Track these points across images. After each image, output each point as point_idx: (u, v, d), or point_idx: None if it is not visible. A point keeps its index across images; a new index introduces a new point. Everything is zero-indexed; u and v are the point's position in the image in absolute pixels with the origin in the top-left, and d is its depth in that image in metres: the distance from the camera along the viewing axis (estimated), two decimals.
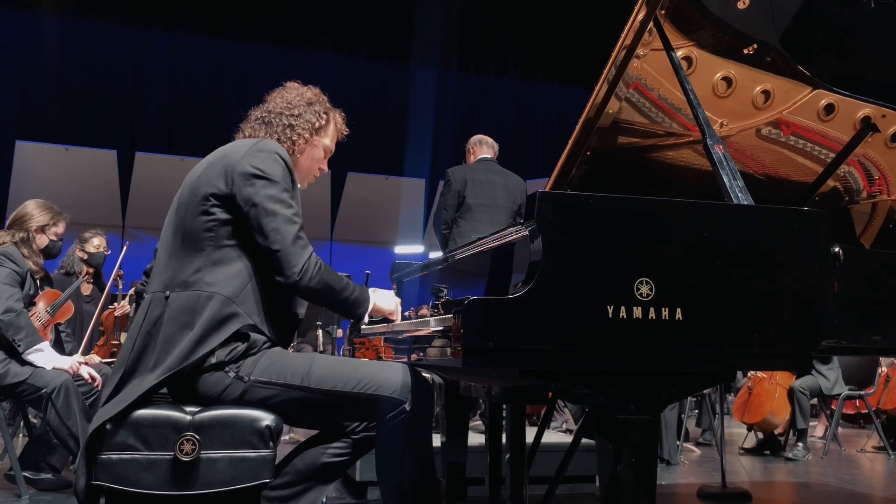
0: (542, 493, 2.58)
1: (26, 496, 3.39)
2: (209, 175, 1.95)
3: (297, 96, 2.16)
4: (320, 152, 2.20)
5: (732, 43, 2.34)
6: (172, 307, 1.86)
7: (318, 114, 2.16)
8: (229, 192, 1.90)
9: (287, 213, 1.89)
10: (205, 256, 1.89)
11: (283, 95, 2.17)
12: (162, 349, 1.82)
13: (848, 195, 2.69)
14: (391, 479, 1.95)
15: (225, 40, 11.22)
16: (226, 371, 1.85)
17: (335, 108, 2.24)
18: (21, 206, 3.79)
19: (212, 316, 1.83)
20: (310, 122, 2.13)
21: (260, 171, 1.90)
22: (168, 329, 1.84)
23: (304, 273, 1.88)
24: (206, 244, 1.90)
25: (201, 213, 1.91)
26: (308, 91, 2.19)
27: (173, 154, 10.45)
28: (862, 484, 4.40)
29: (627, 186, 2.46)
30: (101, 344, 4.97)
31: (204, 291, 1.86)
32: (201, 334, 1.82)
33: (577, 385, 1.71)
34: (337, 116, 2.23)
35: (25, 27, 10.20)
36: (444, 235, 4.68)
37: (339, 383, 1.89)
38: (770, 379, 5.56)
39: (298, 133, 2.11)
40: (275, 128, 2.09)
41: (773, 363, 1.88)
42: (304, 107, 2.14)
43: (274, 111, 2.12)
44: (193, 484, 1.75)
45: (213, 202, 1.91)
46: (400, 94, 11.72)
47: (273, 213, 1.88)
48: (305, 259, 1.89)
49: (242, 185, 1.89)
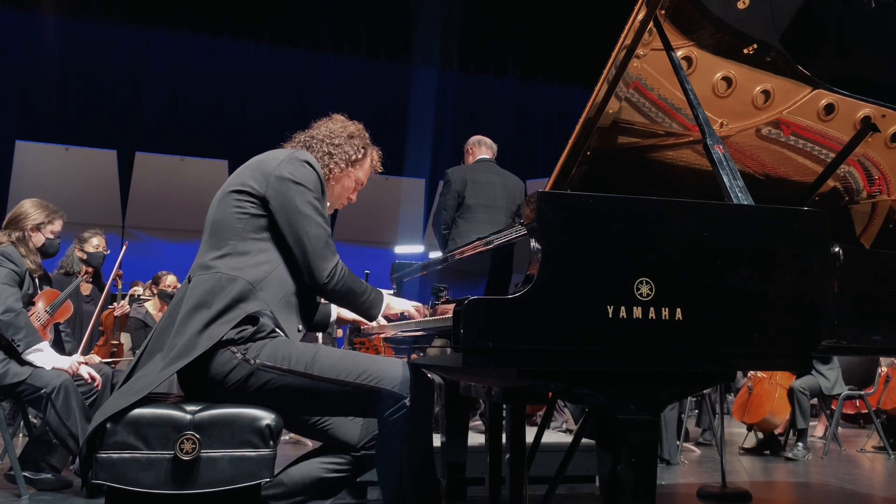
0: (542, 493, 2.58)
1: (26, 496, 3.39)
2: (243, 175, 2.07)
3: (341, 128, 2.27)
4: (352, 183, 2.31)
5: (732, 43, 2.34)
6: (194, 289, 1.95)
7: (357, 147, 2.27)
8: (264, 192, 2.01)
9: (318, 220, 2.02)
10: (231, 246, 1.99)
11: (327, 125, 2.28)
12: (177, 331, 1.89)
13: (848, 195, 2.69)
14: (391, 479, 1.95)
15: (225, 40, 11.23)
16: (233, 351, 1.88)
17: (373, 146, 2.35)
18: (17, 206, 3.79)
19: (231, 297, 1.91)
20: (347, 154, 2.24)
21: (295, 178, 2.02)
22: (186, 308, 1.91)
23: (332, 277, 2.01)
24: (233, 235, 2.00)
25: (232, 206, 2.02)
26: (352, 125, 2.31)
27: (173, 154, 10.47)
28: (862, 484, 4.40)
29: (627, 186, 2.46)
30: (100, 344, 4.97)
31: (226, 274, 1.94)
32: (216, 313, 1.88)
33: (577, 385, 1.71)
34: (374, 154, 2.34)
35: (25, 27, 10.21)
36: (444, 235, 4.69)
37: (342, 373, 1.91)
38: (770, 379, 5.56)
39: (336, 162, 2.22)
40: (315, 153, 2.20)
41: (773, 363, 1.88)
42: (345, 139, 2.25)
43: (317, 137, 2.24)
44: (193, 483, 1.75)
45: (245, 198, 2.02)
46: (400, 94, 11.72)
47: (307, 217, 2.00)
48: (334, 264, 2.01)
49: (278, 189, 2.00)
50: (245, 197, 2.02)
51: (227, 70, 11.37)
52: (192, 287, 1.96)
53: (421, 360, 2.11)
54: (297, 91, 11.57)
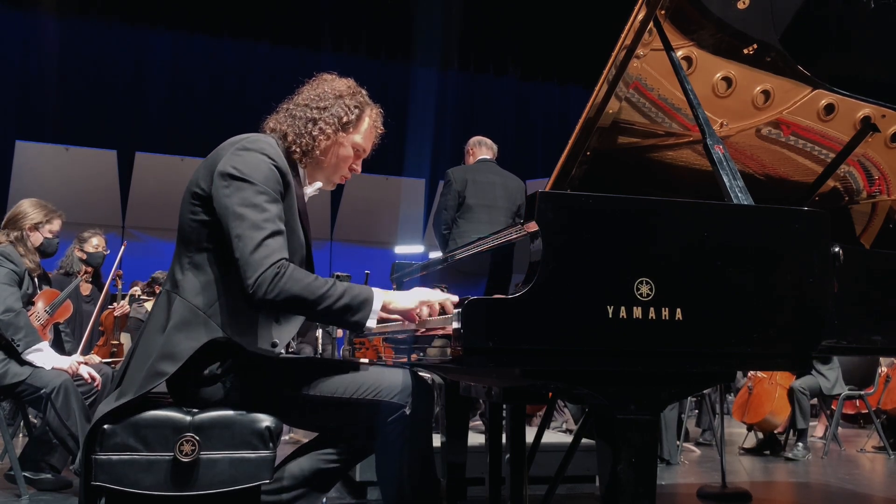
0: (542, 493, 2.58)
1: (26, 496, 3.39)
2: (199, 173, 1.87)
3: (329, 88, 1.99)
4: (348, 150, 2.00)
5: (732, 43, 2.34)
6: (159, 304, 1.88)
7: (348, 108, 1.96)
8: (208, 192, 1.81)
9: (255, 219, 1.73)
10: (188, 257, 1.85)
11: (314, 87, 2.01)
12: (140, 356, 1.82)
13: (848, 195, 2.69)
14: (391, 480, 1.94)
15: (225, 40, 11.23)
16: (222, 382, 1.84)
17: (373, 103, 2.05)
18: (16, 205, 3.79)
19: (180, 326, 1.78)
20: (336, 117, 1.94)
21: (238, 172, 1.77)
22: (150, 327, 1.86)
23: (259, 286, 1.69)
24: (189, 245, 1.85)
25: (187, 212, 1.86)
26: (342, 83, 2.02)
27: (173, 154, 10.46)
28: (862, 484, 4.40)
29: (627, 186, 2.46)
30: (100, 344, 4.97)
31: (179, 296, 1.82)
32: (170, 346, 1.76)
33: (577, 385, 1.71)
34: (373, 112, 2.03)
35: (25, 27, 10.21)
36: (444, 236, 4.69)
37: (338, 389, 1.87)
38: (770, 379, 5.55)
39: (321, 128, 1.93)
40: (296, 121, 1.94)
41: (773, 363, 1.88)
42: (333, 99, 1.96)
43: (301, 103, 1.97)
44: (193, 484, 1.75)
45: (197, 202, 1.84)
46: (400, 94, 11.71)
47: (240, 218, 1.73)
48: (262, 270, 1.69)
49: (218, 186, 1.78)
50: (196, 200, 1.83)
51: (227, 70, 11.36)
52: (158, 303, 1.88)
53: (421, 360, 2.11)
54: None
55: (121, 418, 1.76)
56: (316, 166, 2.00)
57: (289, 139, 1.94)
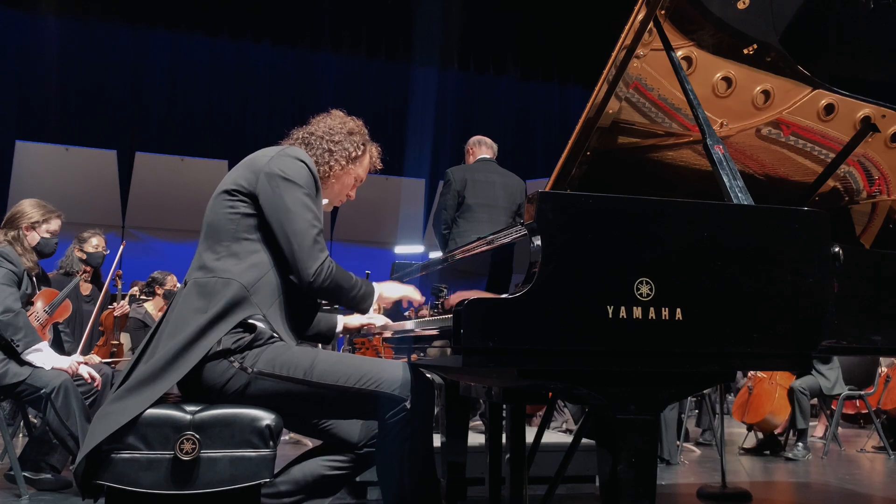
0: (542, 493, 2.58)
1: (26, 496, 3.39)
2: (235, 174, 2.05)
3: (340, 124, 2.24)
4: (352, 180, 2.28)
5: (732, 43, 2.34)
6: (189, 292, 1.94)
7: (357, 144, 2.23)
8: (253, 189, 1.99)
9: (307, 216, 1.97)
10: (224, 247, 1.98)
11: (326, 121, 2.25)
12: (170, 334, 1.88)
13: (848, 195, 2.69)
14: (391, 480, 1.95)
15: (225, 40, 11.23)
16: (230, 360, 1.88)
17: (372, 142, 2.32)
18: (16, 205, 3.79)
19: (226, 301, 1.89)
20: (347, 151, 2.21)
21: (285, 174, 1.99)
22: (181, 312, 1.91)
23: (318, 275, 1.96)
24: (226, 235, 1.99)
25: (224, 206, 2.01)
26: (351, 121, 2.27)
27: (173, 154, 10.46)
28: (862, 484, 4.40)
29: (627, 187, 2.46)
30: (100, 344, 4.96)
31: (220, 277, 1.93)
32: (212, 318, 1.87)
33: (577, 385, 1.71)
34: (373, 150, 2.31)
35: (25, 27, 10.21)
36: (444, 235, 4.68)
37: (340, 378, 1.91)
38: (770, 379, 5.55)
39: (336, 159, 2.19)
40: (314, 149, 2.18)
41: (774, 363, 1.88)
42: (345, 135, 2.22)
43: (316, 134, 2.21)
44: (193, 483, 1.75)
45: (237, 197, 2.00)
46: (400, 94, 11.72)
47: (294, 214, 1.96)
48: (320, 262, 1.96)
49: (267, 185, 1.98)
50: (236, 196, 2.01)
51: (227, 70, 11.36)
52: (188, 291, 1.95)
53: (421, 360, 2.11)
54: (297, 91, 11.56)
55: None
56: (325, 190, 2.22)
57: None
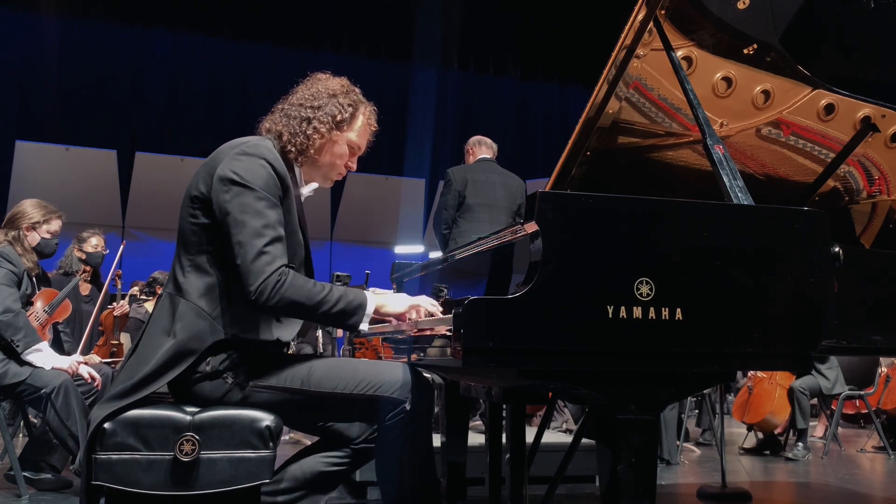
0: (542, 493, 2.58)
1: (26, 496, 3.39)
2: (199, 176, 1.90)
3: (323, 88, 2.02)
4: (343, 148, 2.02)
5: (732, 43, 2.34)
6: (162, 305, 1.90)
7: (342, 106, 1.99)
8: (208, 196, 1.84)
9: (255, 225, 1.77)
10: (189, 259, 1.88)
11: (308, 86, 2.04)
12: (141, 357, 1.83)
13: (848, 195, 2.69)
14: (391, 480, 1.94)
15: (225, 40, 11.22)
16: (223, 378, 1.86)
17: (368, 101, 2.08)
18: (17, 205, 3.79)
19: (189, 333, 1.81)
20: (330, 115, 1.97)
21: (237, 177, 1.81)
22: (154, 327, 1.87)
23: (261, 293, 1.75)
24: (192, 247, 1.88)
25: (188, 215, 1.89)
26: (335, 81, 2.05)
27: (173, 154, 10.45)
28: (862, 484, 4.40)
29: (627, 186, 2.45)
30: (100, 344, 4.97)
31: (185, 299, 1.85)
32: (176, 351, 1.80)
33: (577, 385, 1.71)
34: (367, 110, 2.06)
35: (25, 27, 10.20)
36: (445, 235, 4.68)
37: (339, 385, 1.88)
38: (770, 379, 5.55)
39: (315, 127, 1.96)
40: (291, 121, 1.97)
41: (773, 363, 1.89)
42: (327, 98, 1.99)
43: (295, 103, 2.00)
44: (193, 484, 1.75)
45: (197, 204, 1.87)
46: (400, 93, 11.71)
47: (241, 224, 1.78)
48: (264, 278, 1.75)
49: (218, 191, 1.82)
50: (196, 204, 1.86)
51: (227, 70, 11.35)
52: (161, 304, 1.89)
53: (421, 360, 2.11)
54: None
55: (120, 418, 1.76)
56: (312, 165, 2.02)
57: (284, 139, 1.97)
